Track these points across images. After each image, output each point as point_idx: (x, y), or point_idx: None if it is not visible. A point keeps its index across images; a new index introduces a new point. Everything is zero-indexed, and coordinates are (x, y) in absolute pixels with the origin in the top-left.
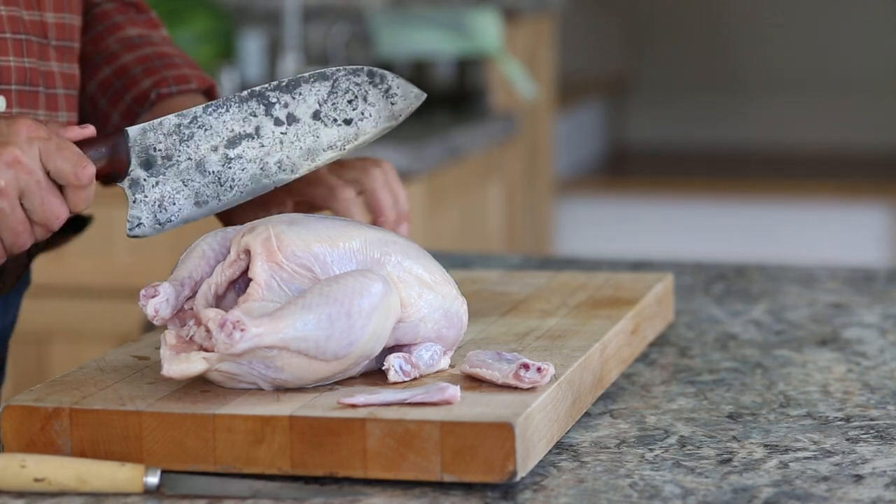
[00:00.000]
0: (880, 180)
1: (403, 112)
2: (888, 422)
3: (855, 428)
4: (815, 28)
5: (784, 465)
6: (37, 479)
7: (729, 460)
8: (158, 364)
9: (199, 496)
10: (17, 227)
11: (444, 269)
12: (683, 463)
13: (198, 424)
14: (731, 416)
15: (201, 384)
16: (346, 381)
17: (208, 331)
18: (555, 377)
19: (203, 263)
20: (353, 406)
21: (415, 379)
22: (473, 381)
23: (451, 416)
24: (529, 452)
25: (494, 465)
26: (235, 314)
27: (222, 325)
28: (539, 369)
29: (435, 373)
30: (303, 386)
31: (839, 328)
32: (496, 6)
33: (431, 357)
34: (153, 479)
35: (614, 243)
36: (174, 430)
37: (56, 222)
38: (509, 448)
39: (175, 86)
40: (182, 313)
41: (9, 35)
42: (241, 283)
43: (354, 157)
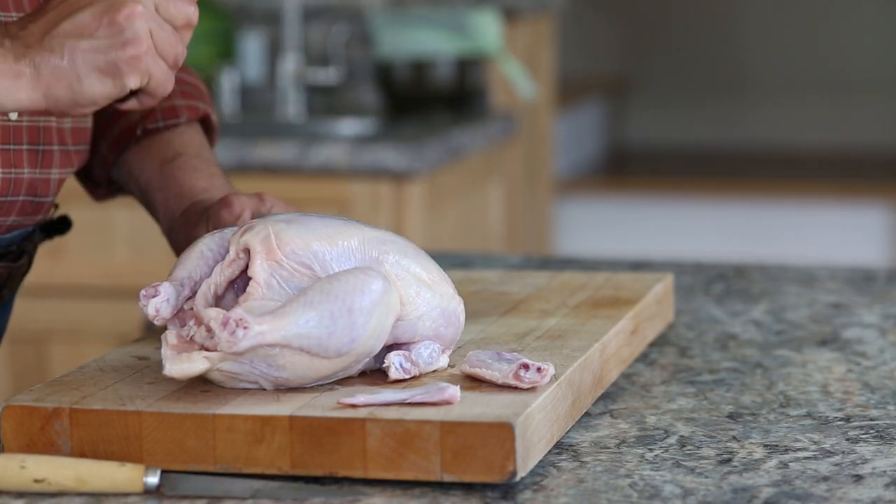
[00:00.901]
0: (880, 180)
1: None
2: (888, 422)
3: (855, 428)
4: (815, 28)
5: (784, 465)
6: (36, 480)
7: (729, 460)
8: (158, 364)
9: (199, 496)
10: (161, 59)
11: (441, 269)
12: (683, 463)
13: (198, 424)
14: (731, 416)
15: (201, 384)
16: (345, 380)
17: (209, 330)
18: (554, 377)
19: (202, 263)
20: (353, 406)
21: (414, 378)
22: (473, 381)
23: (450, 416)
24: (529, 452)
25: (494, 465)
26: (238, 312)
27: (225, 324)
28: (539, 369)
29: (435, 372)
30: (304, 385)
31: (839, 328)
32: (496, 6)
33: (430, 355)
34: (153, 479)
35: (614, 243)
36: (174, 430)
37: (181, 59)
38: (509, 448)
39: (163, 120)
40: (182, 313)
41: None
42: (239, 282)
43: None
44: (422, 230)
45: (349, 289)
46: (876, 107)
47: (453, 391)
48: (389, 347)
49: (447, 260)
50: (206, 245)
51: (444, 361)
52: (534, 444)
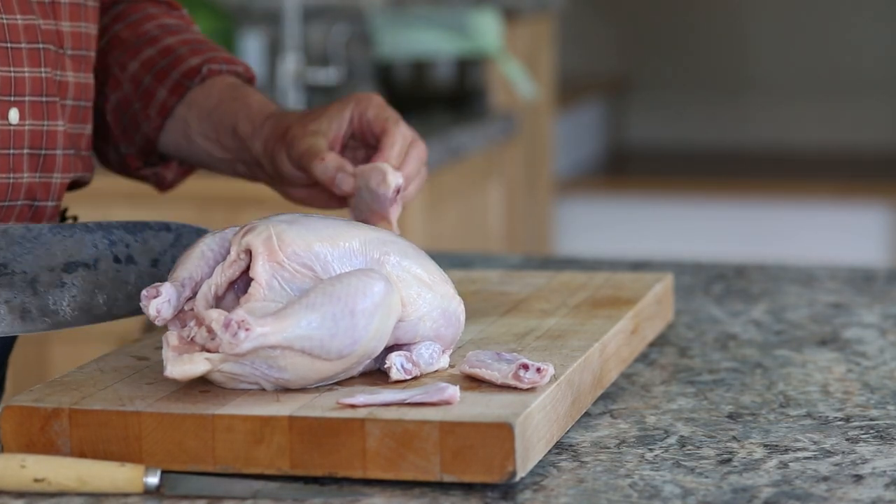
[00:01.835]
0: (880, 180)
1: None
2: (888, 422)
3: (855, 428)
4: (816, 29)
5: (784, 465)
6: (36, 480)
7: (729, 460)
8: (158, 364)
9: (199, 496)
10: None
11: (441, 269)
12: (683, 463)
13: (197, 425)
14: (731, 416)
15: (201, 385)
16: (345, 381)
17: (210, 331)
18: (554, 377)
19: (202, 264)
20: (353, 406)
21: (415, 378)
22: (473, 382)
23: (450, 416)
24: (529, 452)
25: (494, 465)
26: (240, 314)
27: (227, 325)
28: (539, 370)
29: (434, 372)
30: (305, 386)
31: (839, 328)
32: (496, 6)
33: (431, 356)
34: (153, 479)
35: (614, 243)
36: (174, 430)
37: None
38: (509, 448)
39: (225, 64)
40: (182, 314)
41: (24, 45)
42: (240, 283)
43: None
44: (422, 230)
45: (351, 291)
46: (876, 107)
47: (453, 391)
48: (390, 348)
49: (447, 260)
50: (206, 245)
51: (444, 362)
52: (533, 445)
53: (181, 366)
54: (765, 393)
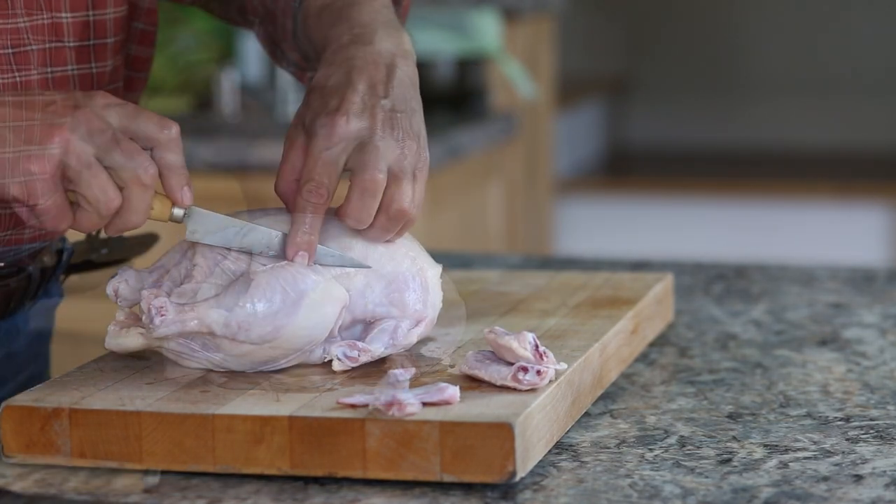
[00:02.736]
0: (880, 180)
1: None
2: (888, 422)
3: (855, 428)
4: (816, 29)
5: (784, 465)
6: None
7: (729, 460)
8: (158, 364)
9: (199, 496)
10: (98, 186)
11: (410, 238)
12: (683, 463)
13: (197, 425)
14: (731, 416)
15: (201, 385)
16: (345, 381)
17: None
18: (554, 377)
19: (178, 255)
20: (353, 406)
21: (414, 379)
22: (473, 382)
23: (450, 416)
24: (529, 452)
25: (494, 465)
26: (160, 300)
27: (147, 310)
28: (538, 372)
29: (435, 373)
30: (250, 369)
31: (839, 328)
32: (496, 6)
33: (396, 334)
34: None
35: (614, 243)
36: (173, 430)
37: (146, 176)
38: (509, 448)
39: None
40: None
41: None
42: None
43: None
44: (422, 230)
45: (280, 279)
46: (876, 107)
47: (452, 391)
48: (367, 328)
49: (447, 260)
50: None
51: (417, 334)
52: (533, 445)
53: (116, 339)
54: (765, 393)
